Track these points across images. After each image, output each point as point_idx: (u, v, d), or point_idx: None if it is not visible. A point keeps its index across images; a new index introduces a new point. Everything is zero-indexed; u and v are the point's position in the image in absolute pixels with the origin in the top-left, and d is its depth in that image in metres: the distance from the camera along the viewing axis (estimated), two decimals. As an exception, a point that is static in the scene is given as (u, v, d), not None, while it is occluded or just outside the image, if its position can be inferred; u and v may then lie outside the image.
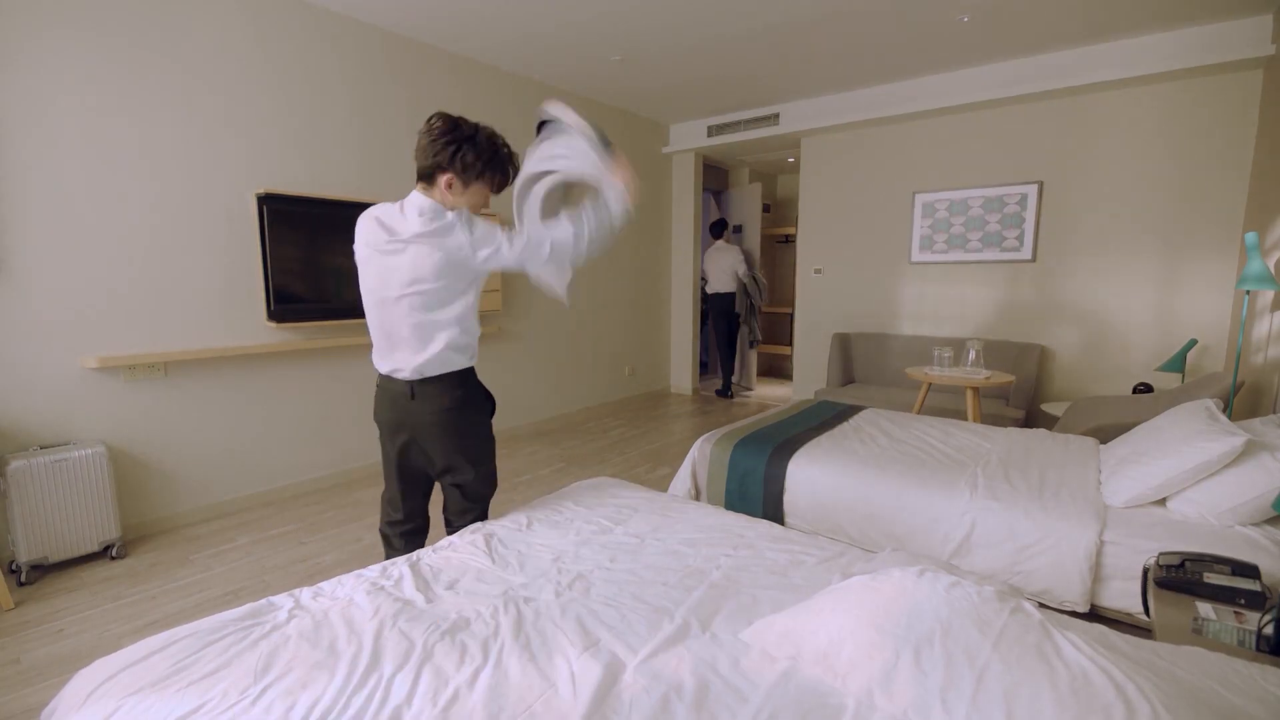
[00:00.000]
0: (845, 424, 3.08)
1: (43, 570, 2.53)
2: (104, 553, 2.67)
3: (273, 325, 3.19)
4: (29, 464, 2.42)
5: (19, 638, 2.09)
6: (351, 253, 1.71)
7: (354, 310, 3.41)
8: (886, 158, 4.98)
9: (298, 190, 3.21)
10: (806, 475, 2.53)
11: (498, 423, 4.55)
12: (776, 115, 5.21)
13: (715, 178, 6.74)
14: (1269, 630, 1.35)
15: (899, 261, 5.01)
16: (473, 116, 1.61)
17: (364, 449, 3.72)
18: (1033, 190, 4.33)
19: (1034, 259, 4.39)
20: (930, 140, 4.75)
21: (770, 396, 6.20)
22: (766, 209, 7.36)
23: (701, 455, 2.78)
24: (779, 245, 7.58)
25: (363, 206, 3.37)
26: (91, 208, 2.65)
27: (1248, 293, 3.03)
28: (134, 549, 2.76)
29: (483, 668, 1.16)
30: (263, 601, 1.39)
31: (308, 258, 3.23)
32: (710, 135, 5.62)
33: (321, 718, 1.03)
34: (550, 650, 1.22)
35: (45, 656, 1.99)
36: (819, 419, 3.15)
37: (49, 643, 2.06)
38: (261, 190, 3.06)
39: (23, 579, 2.43)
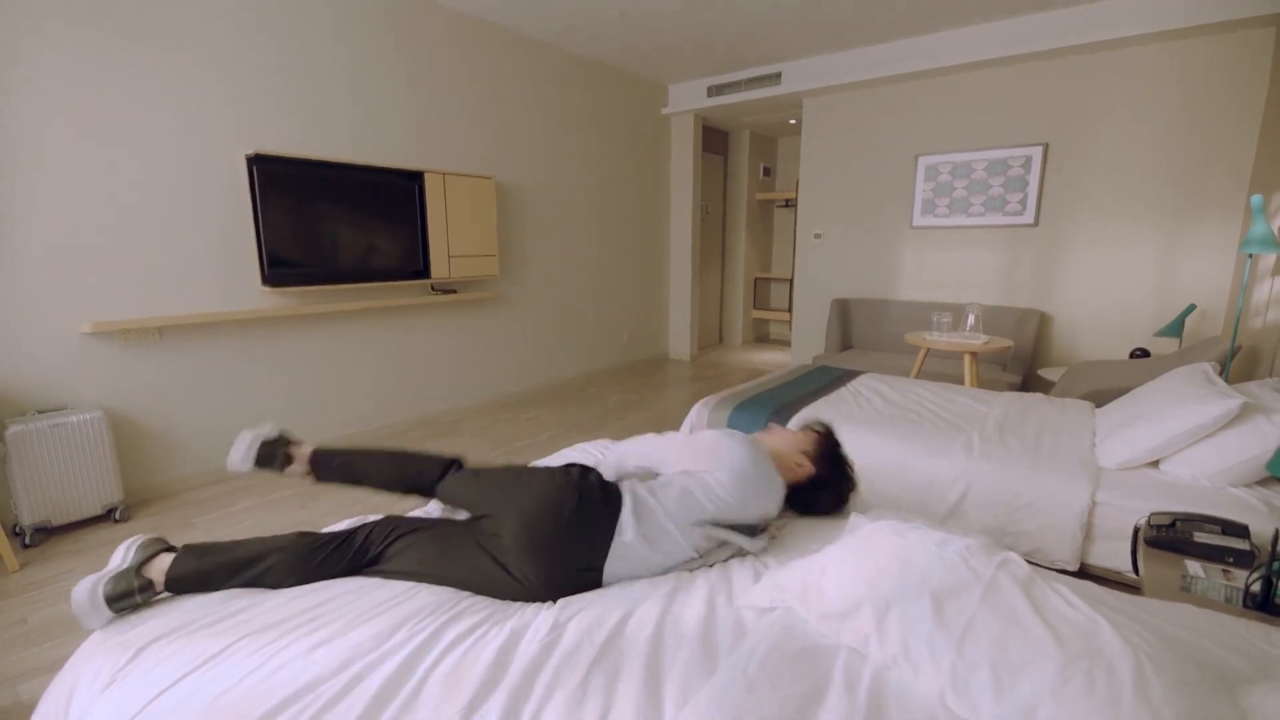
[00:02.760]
0: (843, 388, 3.08)
1: (46, 533, 2.56)
2: (107, 516, 2.70)
3: (268, 290, 3.16)
4: (28, 428, 2.43)
5: (25, 598, 2.12)
6: (345, 216, 1.66)
7: (351, 274, 3.38)
8: (890, 119, 4.88)
9: (289, 151, 3.14)
10: (803, 439, 2.54)
11: (497, 385, 4.56)
12: (778, 74, 5.09)
13: (715, 141, 6.62)
14: (1256, 588, 1.38)
15: (900, 226, 4.96)
16: (467, 72, 1.53)
17: (362, 414, 3.73)
18: (1037, 152, 4.26)
19: (1036, 223, 4.35)
20: (934, 101, 4.65)
21: (768, 362, 6.21)
22: (766, 172, 7.26)
23: (700, 419, 2.79)
24: (779, 210, 7.50)
25: (358, 169, 3.31)
26: (76, 169, 2.60)
27: (1250, 256, 3.00)
28: (137, 512, 2.79)
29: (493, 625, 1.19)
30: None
31: (302, 221, 3.17)
32: (710, 95, 5.50)
33: (349, 661, 1.05)
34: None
35: (51, 616, 2.02)
36: (817, 384, 3.16)
37: (55, 603, 2.09)
38: (251, 151, 3.00)
39: (27, 541, 2.46)
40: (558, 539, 1.28)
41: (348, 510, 2.76)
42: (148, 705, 0.95)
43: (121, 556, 1.28)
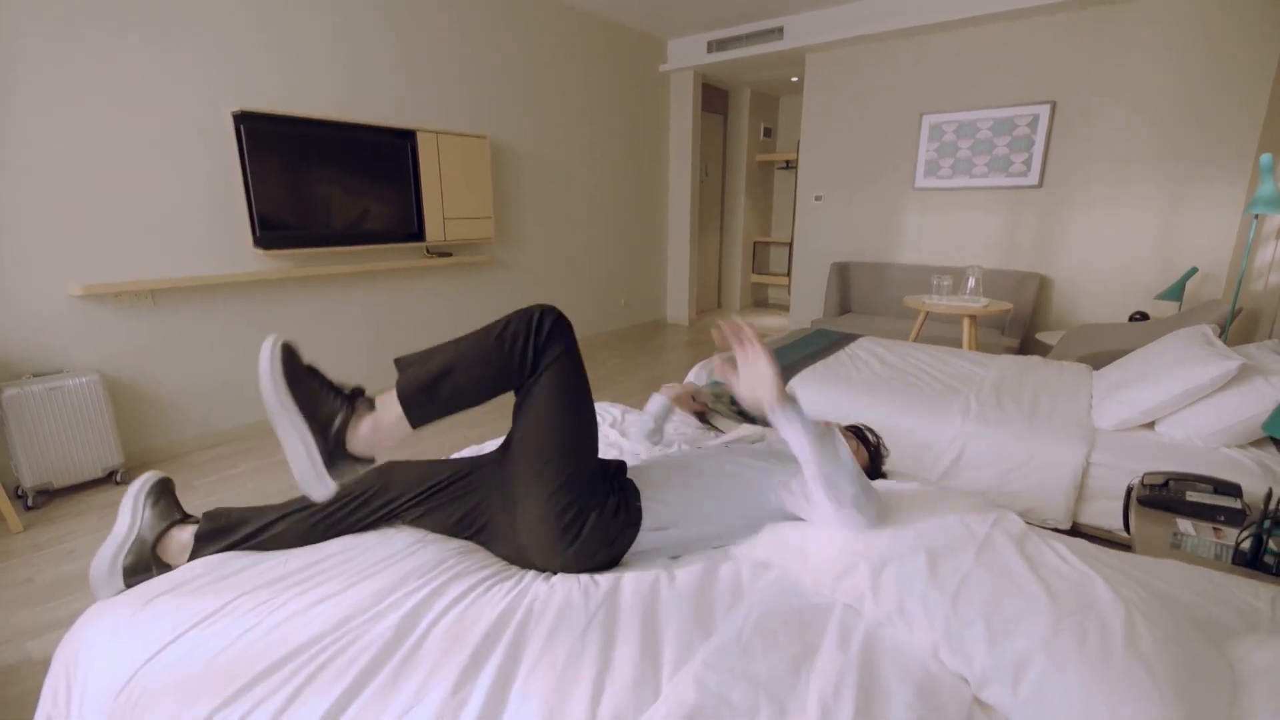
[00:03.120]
0: (841, 352, 3.07)
1: (49, 495, 2.57)
2: (108, 478, 2.71)
3: (260, 252, 3.12)
4: (23, 392, 2.42)
5: (30, 559, 2.14)
6: (337, 177, 1.57)
7: (345, 237, 3.33)
8: (894, 75, 4.76)
9: (278, 109, 3.06)
10: (801, 400, 2.54)
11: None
12: (780, 29, 4.94)
13: (715, 100, 6.46)
14: (1246, 545, 1.39)
15: (902, 188, 4.88)
16: (459, 26, 1.47)
17: (357, 378, 3.71)
18: (1044, 111, 4.16)
19: (1040, 184, 4.28)
20: (941, 57, 4.52)
21: (767, 327, 6.19)
22: (767, 133, 7.12)
23: (699, 381, 2.79)
24: (779, 171, 7.37)
25: (349, 128, 3.23)
26: (56, 128, 2.52)
27: (1256, 218, 2.96)
28: (137, 474, 2.79)
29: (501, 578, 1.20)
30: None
31: (293, 182, 3.10)
32: (710, 51, 5.35)
33: (349, 618, 1.05)
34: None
35: (57, 576, 2.04)
36: (815, 347, 3.15)
37: (60, 563, 2.12)
38: (237, 109, 2.91)
39: (29, 504, 2.47)
40: (553, 562, 1.24)
41: (347, 473, 2.78)
42: (149, 661, 0.96)
43: (130, 515, 1.28)
